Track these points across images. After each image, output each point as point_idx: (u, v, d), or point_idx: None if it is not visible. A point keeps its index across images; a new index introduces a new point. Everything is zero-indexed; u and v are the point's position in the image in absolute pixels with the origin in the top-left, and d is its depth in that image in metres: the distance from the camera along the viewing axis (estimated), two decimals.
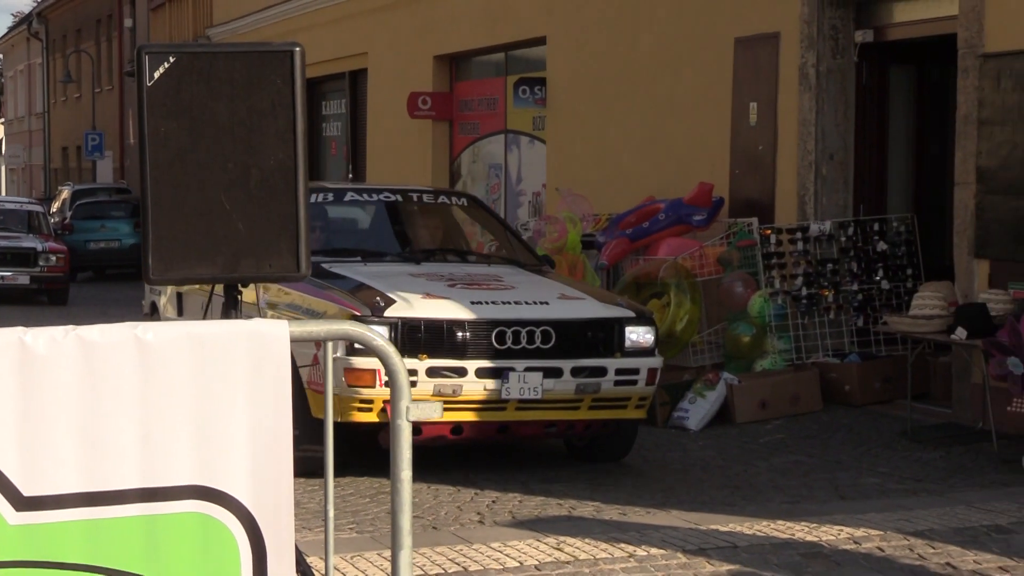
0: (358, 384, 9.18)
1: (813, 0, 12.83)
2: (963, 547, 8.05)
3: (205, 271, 5.67)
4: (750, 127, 13.62)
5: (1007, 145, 10.99)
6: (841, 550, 8.01)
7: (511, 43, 18.01)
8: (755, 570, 7.64)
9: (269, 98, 5.76)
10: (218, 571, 3.65)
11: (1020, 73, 10.85)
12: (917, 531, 8.27)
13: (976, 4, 11.21)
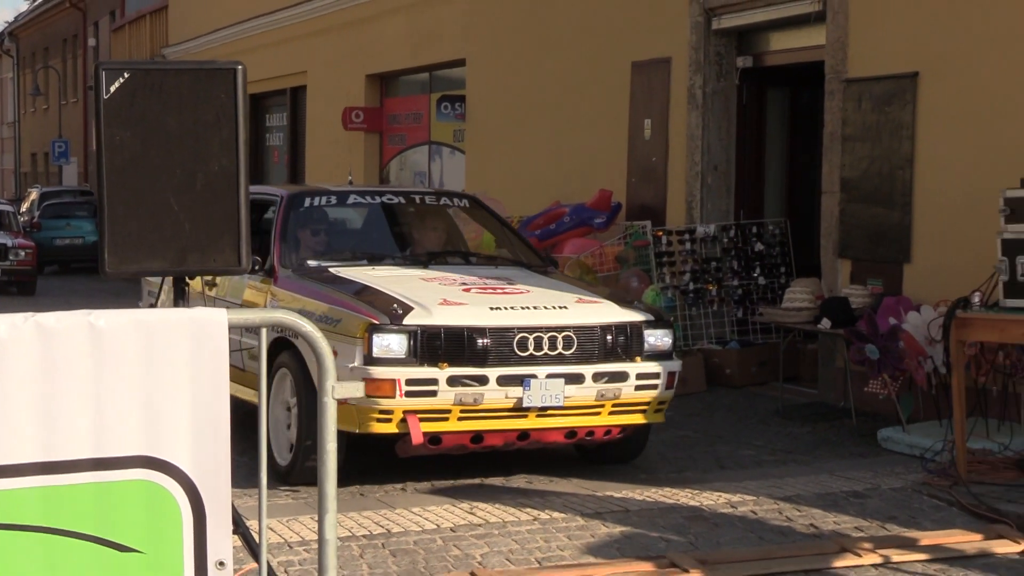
0: (377, 394, 7.94)
1: (700, 29, 12.89)
2: (825, 510, 8.11)
3: (156, 265, 5.64)
4: (645, 141, 13.66)
5: (866, 159, 11.10)
6: (719, 513, 8.06)
7: (434, 64, 18.00)
8: (644, 531, 7.65)
9: (214, 110, 5.73)
10: (162, 532, 3.64)
11: (877, 96, 10.95)
12: (786, 496, 8.34)
13: (841, 36, 11.30)
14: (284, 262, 9.38)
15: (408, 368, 7.98)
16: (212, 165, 5.71)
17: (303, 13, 21.02)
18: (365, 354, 7.97)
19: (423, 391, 7.98)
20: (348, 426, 7.97)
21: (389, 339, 7.99)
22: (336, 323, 8.26)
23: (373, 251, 9.98)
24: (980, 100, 10.09)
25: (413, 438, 7.92)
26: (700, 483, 8.67)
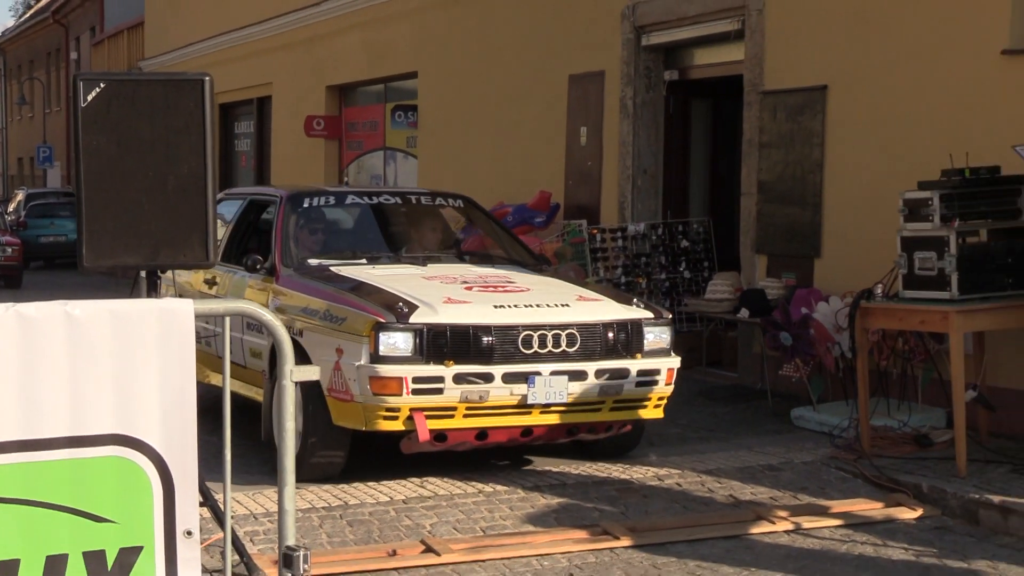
0: (384, 392, 7.43)
1: (631, 45, 12.92)
2: (743, 482, 8.17)
3: (130, 259, 5.65)
4: (581, 147, 13.68)
5: (781, 164, 11.16)
6: (648, 485, 8.11)
7: (389, 76, 17.96)
8: (580, 502, 7.69)
9: (183, 118, 5.74)
10: (134, 504, 3.65)
11: (791, 106, 11.02)
12: (708, 470, 8.39)
13: (758, 51, 11.36)
14: (285, 261, 8.89)
15: (414, 366, 7.50)
16: (182, 168, 5.71)
17: (268, 29, 20.94)
18: (371, 352, 7.46)
19: (429, 389, 7.52)
20: (355, 423, 7.70)
21: (395, 337, 7.49)
22: (341, 321, 7.79)
23: (371, 250, 9.42)
24: (882, 111, 10.16)
25: (420, 435, 7.50)
26: (630, 458, 8.69)
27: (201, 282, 9.75)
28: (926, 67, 9.78)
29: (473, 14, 15.61)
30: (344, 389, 7.58)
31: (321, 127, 19.27)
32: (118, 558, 3.66)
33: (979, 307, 8.18)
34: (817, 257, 10.83)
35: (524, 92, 14.58)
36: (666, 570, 6.59)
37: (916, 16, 9.88)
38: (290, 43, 20.33)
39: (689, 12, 12.25)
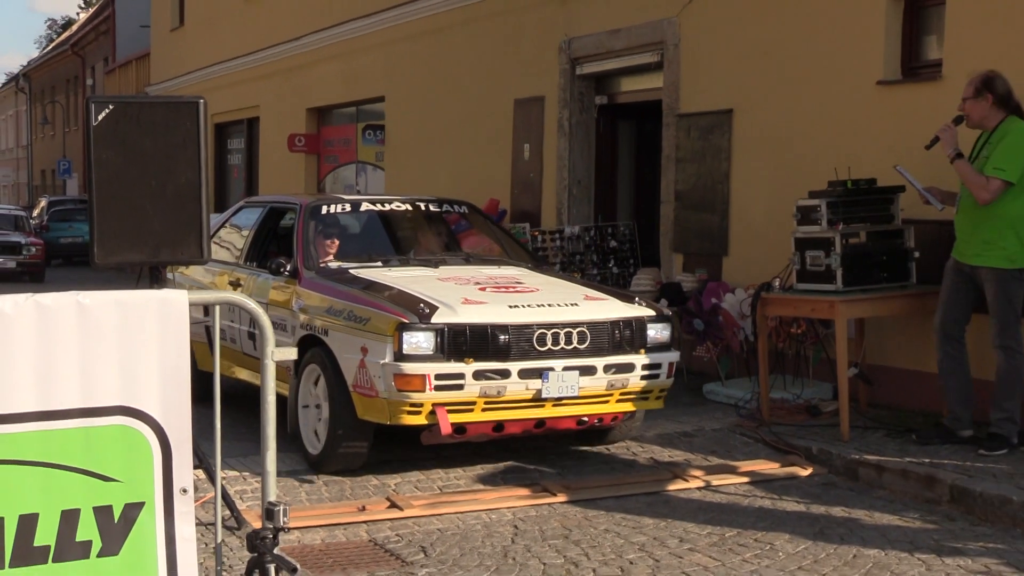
0: (408, 388, 6.90)
1: (567, 74, 12.97)
2: (662, 447, 8.23)
3: (135, 257, 5.63)
4: (524, 161, 13.72)
5: (694, 176, 11.22)
6: (582, 451, 8.15)
7: (361, 100, 17.93)
8: (523, 465, 7.76)
9: (181, 135, 5.71)
10: (137, 465, 3.65)
11: (702, 127, 11.08)
12: (632, 437, 8.43)
13: (674, 80, 11.42)
14: (307, 264, 8.32)
15: (437, 363, 6.95)
16: (180, 178, 5.69)
17: (257, 59, 20.87)
18: (395, 351, 6.92)
19: (451, 385, 6.96)
20: (379, 418, 7.16)
21: (418, 337, 6.94)
22: (365, 321, 7.21)
23: (386, 253, 8.84)
24: (779, 132, 10.24)
25: (442, 429, 6.99)
26: None
27: (226, 284, 9.31)
28: (815, 95, 9.86)
29: (433, 47, 15.61)
30: (369, 386, 7.07)
31: (302, 143, 19.24)
32: (123, 512, 3.66)
33: (860, 297, 8.27)
34: (725, 255, 10.89)
35: (476, 114, 14.60)
36: (595, 521, 6.63)
37: (807, 51, 9.96)
38: (275, 71, 20.27)
39: (616, 46, 12.29)
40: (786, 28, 10.18)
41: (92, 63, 44.18)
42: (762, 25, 10.43)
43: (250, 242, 9.52)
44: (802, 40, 10.02)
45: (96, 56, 43.16)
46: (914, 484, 7.27)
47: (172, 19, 25.87)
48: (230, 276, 9.31)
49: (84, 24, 47.91)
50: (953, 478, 7.10)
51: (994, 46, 8.41)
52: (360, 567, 6.00)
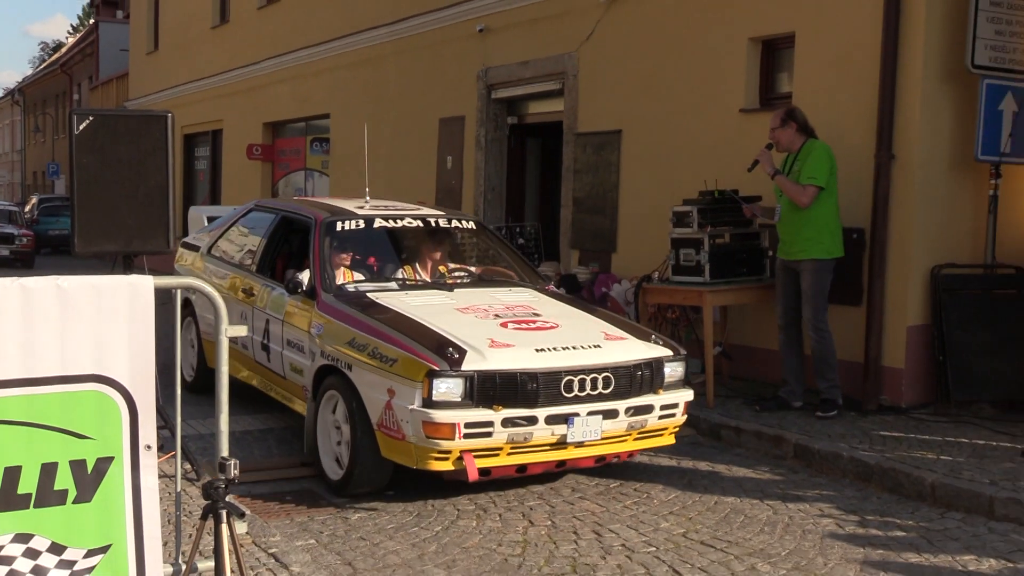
0: (437, 436, 5.72)
1: (484, 98, 12.95)
2: None
3: (110, 247, 5.57)
4: (447, 170, 13.68)
5: (589, 185, 11.28)
6: None
7: (309, 116, 17.76)
8: None
9: (151, 143, 5.65)
10: (107, 425, 3.60)
11: (596, 144, 11.14)
12: None
13: (573, 105, 11.47)
14: (325, 286, 7.03)
15: (466, 411, 5.79)
16: (150, 180, 5.64)
17: (221, 80, 20.57)
18: (424, 397, 5.77)
19: (480, 432, 5.81)
20: (405, 460, 5.97)
21: (448, 383, 5.79)
22: (392, 362, 6.00)
23: (400, 273, 7.56)
24: (659, 149, 10.32)
25: (469, 475, 5.85)
26: None
27: (239, 291, 8.02)
28: (689, 119, 9.96)
29: (371, 73, 15.50)
30: (396, 428, 5.91)
31: (259, 152, 19.02)
32: (95, 465, 3.62)
33: (724, 288, 8.37)
34: (614, 252, 10.96)
35: (407, 130, 14.54)
36: None
37: (683, 83, 10.05)
38: (237, 91, 20.02)
39: (525, 75, 12.30)
40: (666, 63, 10.26)
41: (78, 80, 43.31)
42: (646, 60, 10.50)
43: (262, 251, 8.19)
44: (679, 74, 10.11)
45: (82, 75, 42.32)
46: (765, 443, 7.39)
47: (148, 44, 25.41)
48: (242, 283, 8.08)
49: (72, 47, 47.05)
50: (797, 438, 7.23)
51: (830, 81, 8.57)
52: (301, 512, 5.97)
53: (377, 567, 5.16)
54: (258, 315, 7.63)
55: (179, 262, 9.60)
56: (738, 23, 9.51)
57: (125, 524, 3.66)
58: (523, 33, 12.26)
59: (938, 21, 8.05)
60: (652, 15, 10.45)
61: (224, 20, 20.94)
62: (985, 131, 8.07)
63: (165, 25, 24.24)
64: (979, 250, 8.27)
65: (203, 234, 9.71)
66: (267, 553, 4.99)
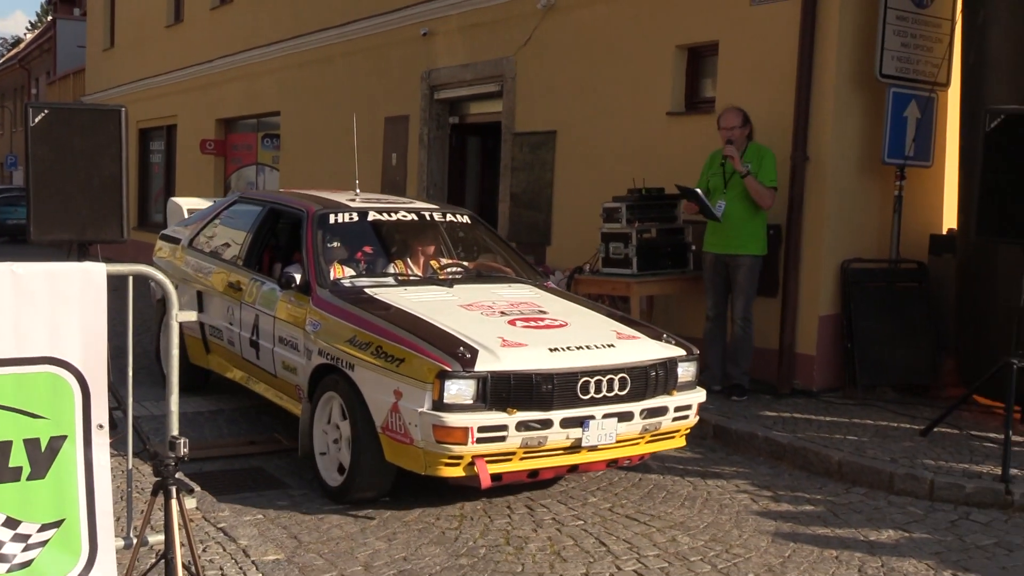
0: (448, 441, 5.10)
1: (427, 98, 12.91)
2: None
3: (65, 235, 5.49)
4: (393, 167, 13.63)
5: (525, 182, 11.30)
6: None
7: (260, 113, 17.57)
8: None
9: (105, 136, 5.58)
10: (61, 405, 3.56)
11: (532, 144, 11.16)
12: None
13: (511, 106, 11.48)
14: (320, 281, 6.32)
15: (479, 415, 5.15)
16: (104, 172, 5.56)
17: (176, 77, 20.25)
18: (435, 400, 5.13)
19: (494, 437, 5.19)
20: (412, 466, 5.34)
21: (460, 385, 5.15)
22: (399, 362, 5.33)
23: (396, 269, 6.80)
24: (591, 149, 10.38)
25: (482, 482, 5.23)
26: None
27: (225, 284, 7.28)
28: (620, 121, 10.02)
29: (319, 72, 15.39)
30: (403, 432, 5.26)
31: (212, 147, 18.77)
32: (49, 443, 3.57)
33: (650, 279, 8.44)
34: (548, 244, 10.99)
35: (353, 128, 14.43)
36: None
37: (614, 87, 10.11)
38: (191, 88, 19.74)
39: (466, 78, 12.28)
40: (598, 68, 10.31)
41: (36, 75, 42.45)
42: (580, 65, 10.55)
43: (249, 244, 7.39)
44: (610, 78, 10.16)
45: (40, 70, 41.50)
46: None
47: (104, 41, 24.95)
48: (228, 276, 7.31)
49: (30, 43, 45.98)
50: (716, 419, 7.33)
51: (750, 87, 8.68)
52: (249, 488, 5.94)
53: (321, 540, 5.16)
54: (246, 311, 6.92)
55: (158, 254, 8.70)
56: (666, 32, 9.58)
57: (78, 500, 3.63)
58: (465, 38, 12.25)
59: (850, 33, 8.19)
60: (586, 23, 10.50)
61: (178, 19, 20.64)
62: (891, 136, 8.23)
63: (121, 23, 23.83)
64: (885, 246, 8.43)
65: (184, 227, 8.72)
66: (216, 527, 4.96)
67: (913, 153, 8.33)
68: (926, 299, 8.41)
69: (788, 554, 5.14)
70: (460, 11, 12.26)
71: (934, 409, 7.55)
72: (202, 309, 7.62)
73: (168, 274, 7.80)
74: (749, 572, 4.91)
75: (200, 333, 7.64)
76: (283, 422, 7.15)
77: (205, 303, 7.64)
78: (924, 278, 8.48)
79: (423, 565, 4.87)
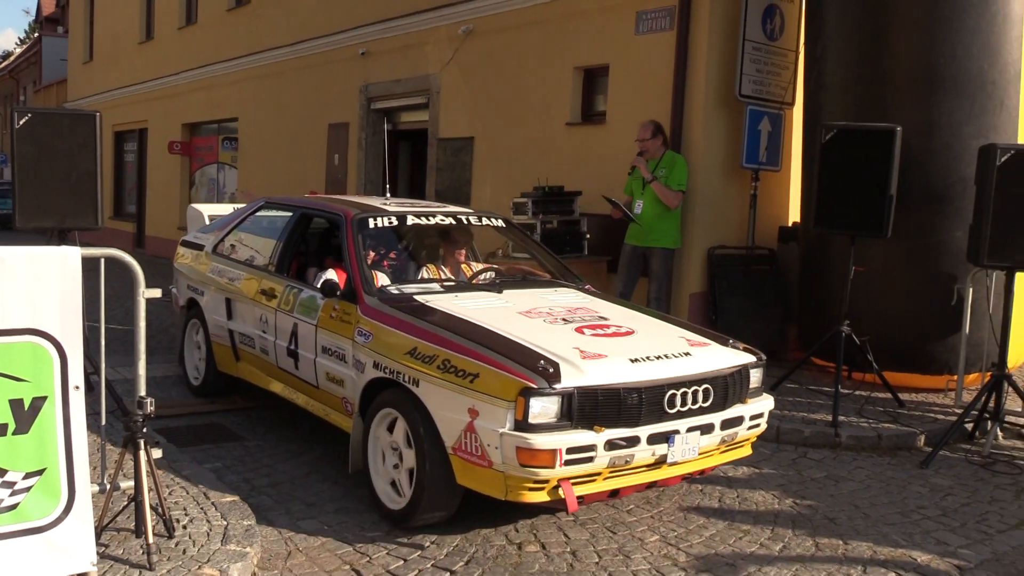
0: (533, 464, 3.97)
1: (365, 107, 12.78)
2: None
3: (47, 223, 5.33)
4: (335, 166, 13.47)
5: (448, 180, 11.25)
6: None
7: (221, 119, 17.18)
8: None
9: (83, 137, 5.42)
10: (41, 369, 3.47)
11: (454, 148, 11.12)
12: None
13: (436, 115, 11.42)
14: (367, 288, 5.09)
15: (567, 435, 4.03)
16: (81, 168, 5.42)
17: (147, 87, 19.68)
18: (518, 419, 3.99)
19: (582, 458, 4.07)
20: (490, 490, 4.16)
21: (544, 403, 4.03)
22: (472, 378, 4.16)
23: (429, 274, 5.64)
24: (504, 152, 10.39)
25: (569, 507, 4.11)
26: None
27: (257, 291, 5.97)
28: (527, 130, 10.05)
29: (273, 84, 15.10)
30: (479, 454, 4.10)
31: (178, 148, 18.32)
32: (31, 403, 3.48)
33: None
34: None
35: (302, 132, 14.25)
36: None
37: (523, 100, 10.13)
38: (160, 96, 19.21)
39: (398, 91, 12.18)
40: (509, 84, 10.31)
41: (24, 85, 40.86)
42: (494, 82, 10.53)
43: (281, 249, 6.07)
44: (519, 93, 10.18)
45: (28, 80, 39.96)
46: None
47: (84, 55, 24.15)
48: (260, 283, 6.01)
49: (19, 56, 44.31)
50: None
51: (635, 103, 8.77)
52: (209, 441, 5.86)
53: (271, 483, 5.12)
54: (283, 318, 5.59)
55: (179, 260, 7.31)
56: (566, 55, 9.62)
57: (58, 451, 3.55)
58: (397, 57, 12.14)
59: (715, 60, 8.32)
60: (499, 46, 10.49)
61: (149, 37, 20.07)
62: (748, 145, 8.40)
63: (99, 40, 23.10)
64: (743, 236, 8.61)
65: (205, 233, 7.34)
66: (180, 475, 4.89)
67: (766, 159, 8.51)
68: (776, 280, 8.62)
69: (663, 488, 5.23)
70: (393, 34, 12.16)
71: (781, 369, 7.75)
72: (231, 316, 6.28)
73: (192, 279, 6.83)
74: (631, 504, 5.00)
75: (229, 340, 6.28)
76: (241, 387, 7.02)
77: (233, 310, 6.25)
78: (774, 262, 8.69)
79: (358, 500, 4.86)
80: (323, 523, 4.58)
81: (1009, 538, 4.70)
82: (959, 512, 5.04)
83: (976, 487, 5.46)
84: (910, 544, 4.55)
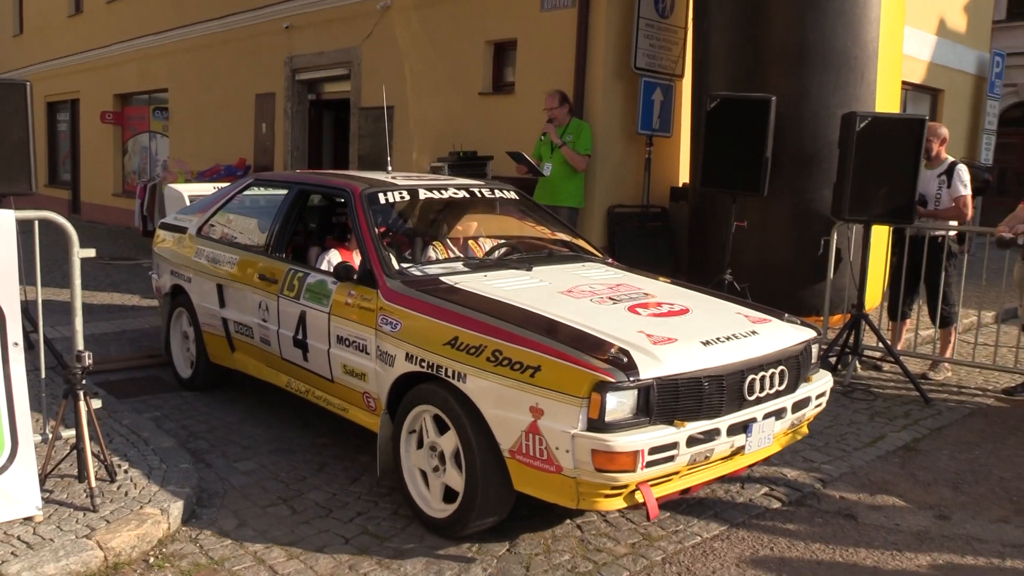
0: (612, 468, 3.13)
1: (290, 79, 12.49)
2: None
3: None
4: (263, 134, 13.15)
5: (369, 147, 11.13)
6: None
7: (152, 89, 16.55)
8: None
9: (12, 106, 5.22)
10: None
11: (374, 116, 10.99)
12: None
13: (358, 86, 11.24)
14: (386, 270, 4.12)
15: (647, 433, 3.21)
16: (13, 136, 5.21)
17: (78, 59, 18.80)
18: (592, 419, 3.15)
19: (664, 458, 3.27)
20: (560, 499, 3.32)
21: (621, 398, 3.19)
22: (533, 371, 3.29)
23: (434, 253, 4.82)
24: (422, 120, 10.28)
25: (651, 513, 3.32)
26: None
27: (254, 275, 4.92)
28: (443, 98, 9.97)
29: (202, 57, 14.60)
30: (545, 457, 3.26)
31: (110, 118, 17.60)
32: None
33: None
34: None
35: (230, 102, 13.85)
36: None
37: (438, 71, 10.04)
38: (92, 68, 18.39)
39: (322, 63, 11.93)
40: (427, 57, 10.20)
41: None
42: (412, 54, 10.40)
43: (278, 230, 4.98)
44: (436, 65, 10.08)
45: None
46: None
47: (14, 28, 22.88)
48: (257, 267, 4.94)
49: None
50: None
51: (540, 75, 8.80)
52: (148, 392, 5.77)
53: (208, 429, 5.07)
54: (287, 305, 4.62)
55: (160, 245, 6.13)
56: (478, 30, 9.55)
57: (1, 405, 3.46)
58: (320, 30, 11.86)
59: (613, 35, 8.38)
60: (417, 21, 10.34)
61: (79, 11, 19.13)
62: (643, 113, 8.52)
63: (28, 13, 21.90)
64: (639, 195, 8.77)
65: (187, 214, 6.17)
66: (121, 424, 4.81)
67: (658, 126, 8.65)
68: (668, 235, 8.81)
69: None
70: (316, 9, 11.87)
71: None
72: (223, 304, 5.24)
73: (176, 264, 5.73)
74: None
75: (223, 330, 5.26)
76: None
77: (226, 296, 5.20)
78: (666, 219, 8.87)
79: (290, 442, 4.86)
80: (258, 463, 4.57)
81: (864, 454, 4.99)
82: (823, 434, 5.31)
83: (838, 412, 5.75)
84: (781, 462, 4.79)
